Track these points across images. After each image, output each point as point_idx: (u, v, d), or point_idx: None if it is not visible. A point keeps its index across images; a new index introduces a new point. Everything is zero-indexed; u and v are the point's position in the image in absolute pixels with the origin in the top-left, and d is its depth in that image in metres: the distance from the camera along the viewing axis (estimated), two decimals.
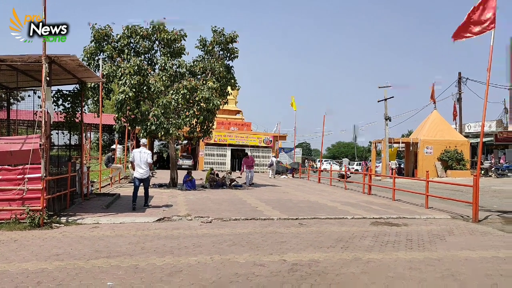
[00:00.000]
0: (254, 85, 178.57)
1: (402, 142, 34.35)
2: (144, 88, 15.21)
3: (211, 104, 15.81)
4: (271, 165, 30.40)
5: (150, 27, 16.38)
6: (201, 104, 15.88)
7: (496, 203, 14.37)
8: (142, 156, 11.02)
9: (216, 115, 18.68)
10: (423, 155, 30.43)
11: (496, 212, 11.97)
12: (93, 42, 16.06)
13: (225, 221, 9.15)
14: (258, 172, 35.14)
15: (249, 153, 20.35)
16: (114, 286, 4.60)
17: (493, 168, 29.56)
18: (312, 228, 8.61)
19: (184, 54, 17.23)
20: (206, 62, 17.15)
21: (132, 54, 16.13)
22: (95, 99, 16.13)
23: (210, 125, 17.87)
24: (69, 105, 11.57)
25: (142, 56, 16.42)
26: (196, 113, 16.29)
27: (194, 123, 17.15)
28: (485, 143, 39.69)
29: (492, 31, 10.46)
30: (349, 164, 41.71)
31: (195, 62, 17.32)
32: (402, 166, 35.68)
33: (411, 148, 32.51)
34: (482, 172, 29.52)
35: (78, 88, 11.65)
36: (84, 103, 13.44)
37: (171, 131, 15.28)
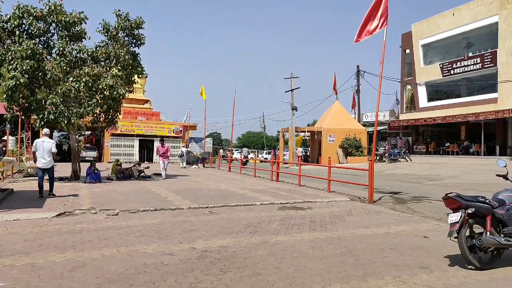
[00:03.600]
0: (164, 73, 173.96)
1: (308, 131, 36.07)
2: (40, 74, 14.01)
3: (115, 93, 15.06)
4: (181, 155, 30.04)
5: (45, 8, 15.06)
6: (105, 93, 15.07)
7: (389, 185, 15.83)
8: (45, 145, 10.67)
9: (122, 104, 17.89)
10: (327, 143, 32.30)
11: (388, 193, 13.20)
12: None
13: (133, 213, 8.87)
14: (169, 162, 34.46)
15: (164, 143, 19.42)
16: (6, 286, 4.23)
17: (386, 154, 32.39)
18: (222, 215, 8.72)
19: (85, 39, 16.19)
20: (110, 48, 16.26)
21: (24, 36, 14.73)
22: None
23: (116, 114, 17.08)
24: None
25: (37, 39, 15.07)
26: (100, 102, 15.45)
27: (98, 112, 16.26)
28: (380, 131, 43.27)
29: (384, 29, 11.41)
30: (248, 153, 43.39)
31: (98, 48, 16.32)
32: (308, 153, 37.57)
33: (315, 136, 34.28)
34: (377, 157, 32.21)
35: None
36: None
37: (72, 121, 14.32)
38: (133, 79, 17.44)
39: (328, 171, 13.45)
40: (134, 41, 16.92)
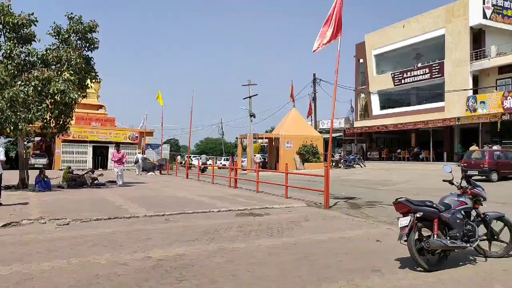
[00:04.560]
0: (119, 78, 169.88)
1: (266, 138, 36.35)
2: None
3: (67, 98, 14.52)
4: (136, 162, 29.41)
5: None
6: (56, 97, 14.48)
7: (344, 191, 16.22)
8: None
9: (75, 110, 17.29)
10: (284, 150, 32.66)
11: (343, 198, 13.52)
12: None
13: (85, 222, 8.57)
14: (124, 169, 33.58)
15: (120, 149, 18.83)
16: None
17: (342, 160, 33.22)
18: (179, 223, 8.61)
19: (35, 41, 15.55)
20: (61, 51, 15.67)
21: None
22: None
23: (68, 120, 16.47)
24: None
25: None
26: (50, 107, 14.85)
27: (48, 118, 15.62)
28: (336, 138, 44.35)
29: (339, 39, 11.76)
30: (206, 159, 43.34)
31: (48, 51, 15.68)
32: (266, 160, 37.82)
33: (273, 143, 34.59)
34: (333, 164, 32.95)
35: None
36: None
37: (20, 127, 13.67)
38: (86, 83, 16.91)
39: (285, 177, 13.61)
40: (87, 45, 16.42)
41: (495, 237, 5.90)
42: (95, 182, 17.31)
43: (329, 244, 6.75)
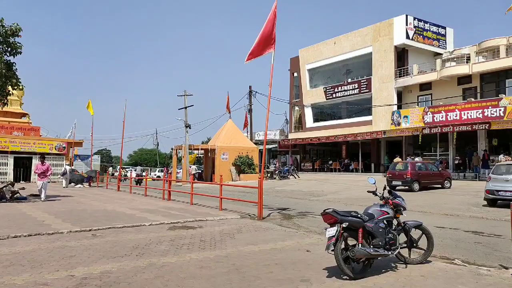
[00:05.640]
0: (45, 85, 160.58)
1: (202, 149, 36.12)
2: None
3: None
4: (63, 173, 27.82)
5: None
6: None
7: (278, 202, 16.50)
8: None
9: None
10: (220, 161, 32.62)
11: (277, 209, 13.75)
12: None
13: (2, 240, 7.92)
14: (49, 182, 31.60)
15: (45, 160, 17.61)
16: None
17: (277, 171, 33.81)
18: (107, 238, 8.24)
19: None
20: None
21: None
22: None
23: None
24: None
25: None
26: None
27: None
28: (271, 149, 45.14)
29: (272, 52, 12.06)
30: (141, 171, 41.98)
31: None
32: (202, 171, 37.48)
33: (209, 154, 34.45)
34: (268, 175, 33.45)
35: None
36: None
37: None
38: (6, 90, 15.79)
39: (220, 189, 13.57)
40: (9, 49, 15.36)
41: (414, 244, 6.30)
42: (15, 196, 16.10)
43: (260, 255, 6.81)
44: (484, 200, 14.48)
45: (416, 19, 33.16)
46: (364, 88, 35.01)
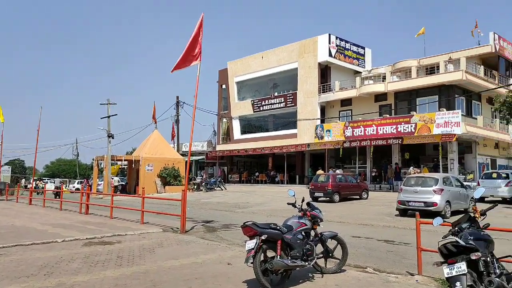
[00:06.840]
0: None
1: (125, 160, 34.75)
2: None
3: None
4: None
5: None
6: None
7: (203, 214, 16.32)
8: None
9: None
10: (145, 172, 31.59)
11: (201, 222, 13.59)
12: None
13: None
14: None
15: None
16: None
17: (203, 183, 33.50)
18: (13, 256, 7.58)
19: None
20: None
21: None
22: None
23: None
24: None
25: None
26: None
27: None
28: (199, 161, 44.70)
29: (198, 64, 12.02)
30: (60, 183, 39.43)
31: None
32: (126, 183, 36.00)
33: (133, 165, 33.23)
34: (195, 186, 33.04)
35: None
36: None
37: None
38: None
39: (142, 201, 13.12)
40: None
41: (330, 254, 6.53)
42: None
43: (181, 270, 6.65)
44: (397, 210, 15.51)
45: (338, 38, 34.99)
46: (290, 102, 36.07)
